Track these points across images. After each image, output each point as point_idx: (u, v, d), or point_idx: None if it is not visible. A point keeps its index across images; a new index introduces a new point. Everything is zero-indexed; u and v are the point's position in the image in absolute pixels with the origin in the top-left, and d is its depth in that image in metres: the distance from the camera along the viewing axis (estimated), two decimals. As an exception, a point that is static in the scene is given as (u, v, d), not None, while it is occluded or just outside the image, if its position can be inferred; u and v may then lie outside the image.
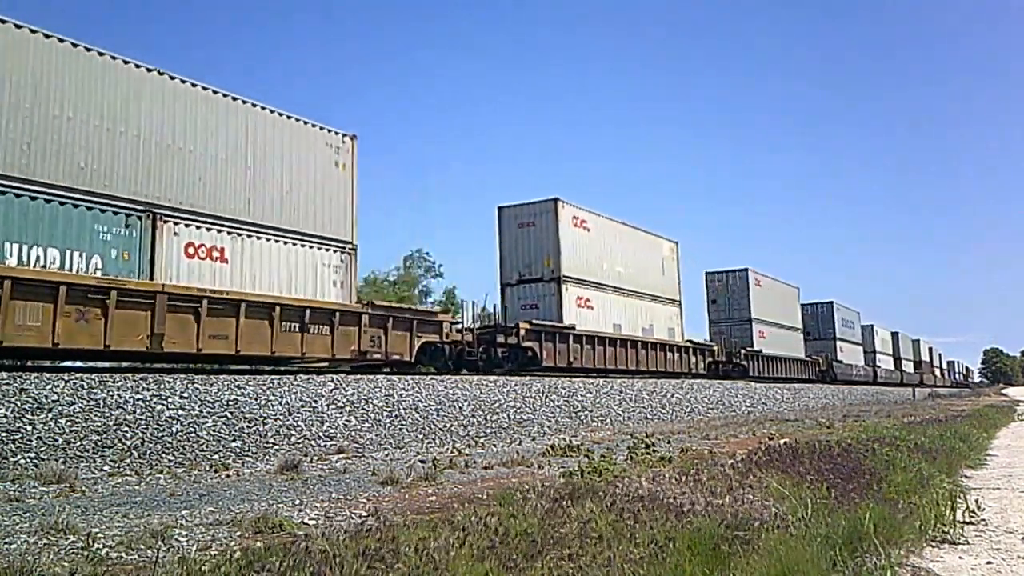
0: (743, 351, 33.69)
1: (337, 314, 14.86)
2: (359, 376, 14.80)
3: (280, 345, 13.64)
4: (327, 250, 15.40)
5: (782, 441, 11.24)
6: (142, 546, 4.73)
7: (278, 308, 13.67)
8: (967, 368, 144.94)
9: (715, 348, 31.74)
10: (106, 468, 9.20)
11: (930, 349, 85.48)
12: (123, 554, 4.58)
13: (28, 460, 8.80)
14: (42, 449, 9.03)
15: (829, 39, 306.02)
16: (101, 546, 4.72)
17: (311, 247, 15.10)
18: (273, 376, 13.35)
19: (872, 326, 56.38)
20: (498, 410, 16.22)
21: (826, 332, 47.46)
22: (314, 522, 5.72)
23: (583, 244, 23.32)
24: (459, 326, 18.35)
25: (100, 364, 13.63)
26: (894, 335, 66.87)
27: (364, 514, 6.03)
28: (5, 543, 4.75)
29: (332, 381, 13.76)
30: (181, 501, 6.77)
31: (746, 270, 36.20)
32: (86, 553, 4.53)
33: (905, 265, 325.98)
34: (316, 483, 8.10)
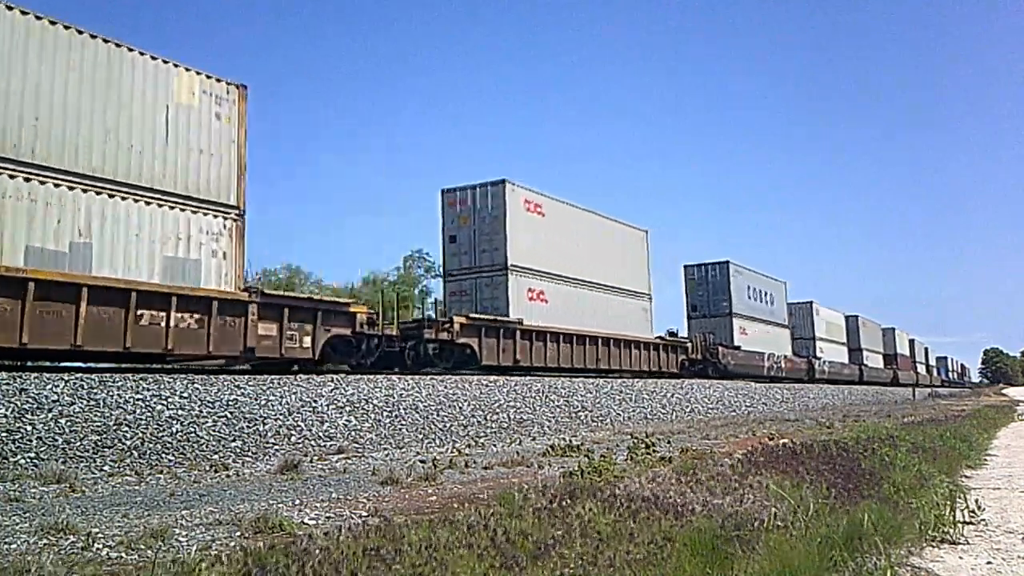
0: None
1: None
2: (359, 376, 14.80)
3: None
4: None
5: (782, 441, 11.24)
6: (142, 546, 4.73)
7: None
8: (962, 366, 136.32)
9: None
10: (106, 468, 9.20)
11: (911, 341, 75.98)
12: (123, 554, 4.58)
13: (28, 460, 8.80)
14: (42, 449, 9.03)
15: (829, 37, 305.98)
16: (101, 546, 4.72)
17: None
18: (273, 376, 13.35)
19: (812, 303, 46.97)
20: (498, 410, 16.22)
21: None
22: (314, 522, 5.71)
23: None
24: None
25: (100, 364, 13.64)
26: (851, 320, 55.10)
27: (364, 514, 6.03)
28: (5, 543, 4.75)
29: (332, 381, 13.76)
30: (181, 501, 6.77)
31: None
32: (86, 553, 4.53)
33: (905, 265, 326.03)
34: (316, 483, 8.10)
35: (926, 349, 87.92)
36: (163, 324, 12.00)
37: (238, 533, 5.21)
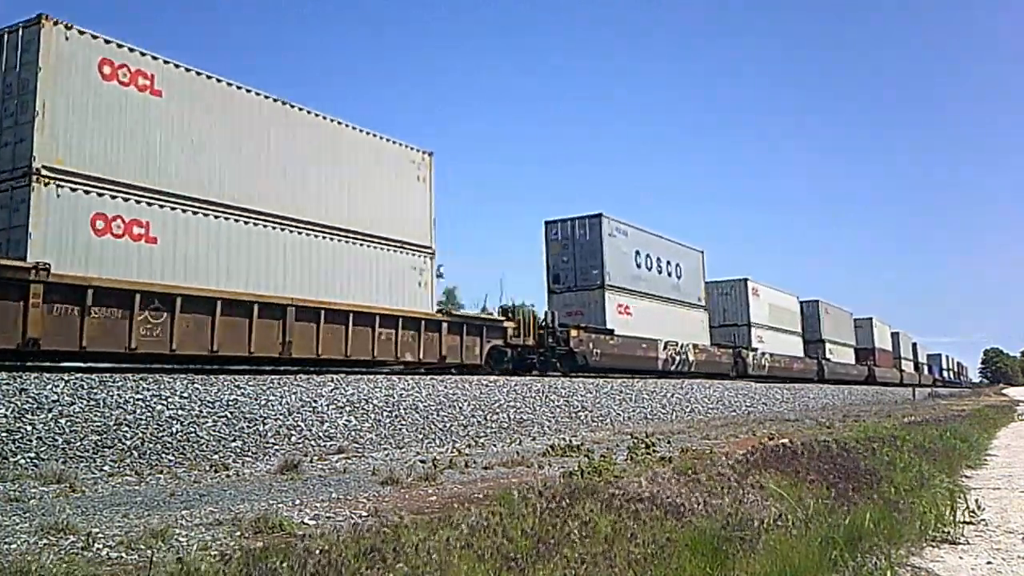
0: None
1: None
2: (359, 376, 14.81)
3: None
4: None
5: (782, 441, 11.23)
6: (142, 546, 4.72)
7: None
8: (959, 364, 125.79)
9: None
10: (106, 468, 9.19)
11: (895, 335, 65.98)
12: (123, 554, 4.58)
13: (28, 460, 8.79)
14: (42, 449, 9.02)
15: (832, 34, 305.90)
16: (101, 546, 4.72)
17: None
18: (273, 376, 13.35)
19: (746, 280, 36.87)
20: (498, 410, 16.22)
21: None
22: (314, 522, 5.71)
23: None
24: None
25: (101, 364, 13.63)
26: (810, 306, 44.82)
27: (364, 514, 6.02)
28: (5, 543, 4.75)
29: (332, 381, 13.76)
30: (181, 501, 6.76)
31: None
32: (86, 553, 4.53)
33: (905, 265, 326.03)
34: (316, 483, 8.09)
35: (914, 344, 77.52)
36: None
37: (238, 533, 5.20)
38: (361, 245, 16.11)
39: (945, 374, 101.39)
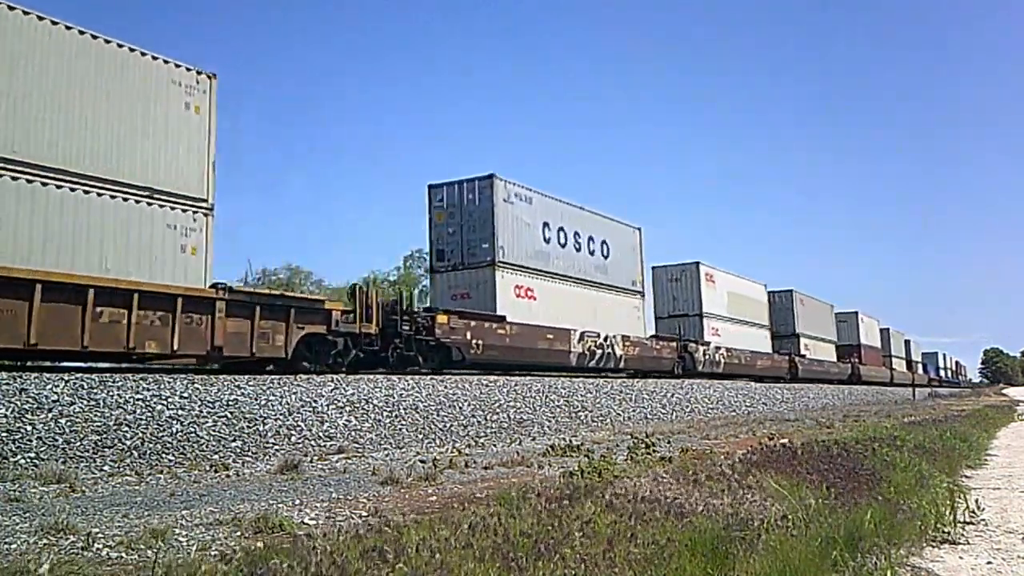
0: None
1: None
2: (359, 376, 14.81)
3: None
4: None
5: (782, 441, 11.24)
6: (142, 546, 4.73)
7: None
8: (958, 363, 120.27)
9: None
10: (106, 468, 9.20)
11: (885, 331, 61.68)
12: (123, 554, 4.58)
13: (28, 460, 8.80)
14: (42, 449, 9.03)
15: (827, 35, 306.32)
16: (101, 546, 4.72)
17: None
18: (273, 376, 13.35)
19: (697, 264, 32.18)
20: (498, 410, 16.22)
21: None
22: (314, 522, 5.72)
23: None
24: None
25: (100, 364, 13.63)
26: (781, 297, 40.84)
27: (364, 514, 6.03)
28: (5, 543, 4.75)
29: (332, 381, 13.76)
30: (181, 501, 6.77)
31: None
32: (86, 553, 4.53)
33: (905, 265, 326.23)
34: (316, 483, 8.10)
35: (907, 342, 73.02)
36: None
37: (238, 533, 5.21)
38: (81, 192, 11.40)
39: (942, 373, 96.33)
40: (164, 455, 9.94)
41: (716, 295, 32.55)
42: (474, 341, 18.21)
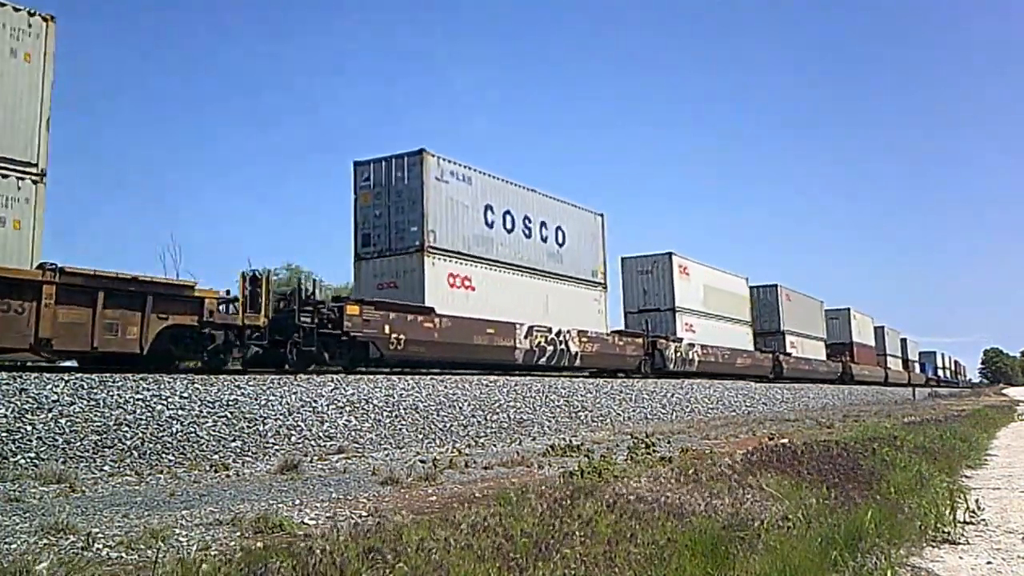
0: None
1: None
2: (359, 376, 14.80)
3: None
4: None
5: (782, 441, 11.24)
6: (142, 546, 4.72)
7: None
8: (956, 363, 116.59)
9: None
10: (106, 468, 9.19)
11: (880, 329, 58.71)
12: (123, 554, 4.58)
13: (28, 460, 8.80)
14: (42, 449, 9.02)
15: (827, 35, 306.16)
16: (101, 546, 4.72)
17: None
18: (273, 376, 13.35)
19: (670, 256, 29.64)
20: (498, 410, 16.22)
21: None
22: (314, 522, 5.72)
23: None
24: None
25: (100, 364, 13.64)
26: (766, 292, 38.70)
27: (364, 514, 6.03)
28: (5, 543, 4.75)
29: (332, 381, 13.75)
30: (181, 501, 6.77)
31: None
32: (86, 553, 4.53)
33: (905, 265, 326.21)
34: (316, 483, 8.10)
35: (903, 340, 69.49)
36: None
37: (238, 533, 5.21)
38: None
39: (940, 373, 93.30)
40: (164, 455, 9.94)
41: (691, 289, 30.11)
42: (394, 336, 15.89)
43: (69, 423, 9.49)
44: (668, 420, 21.61)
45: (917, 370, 75.85)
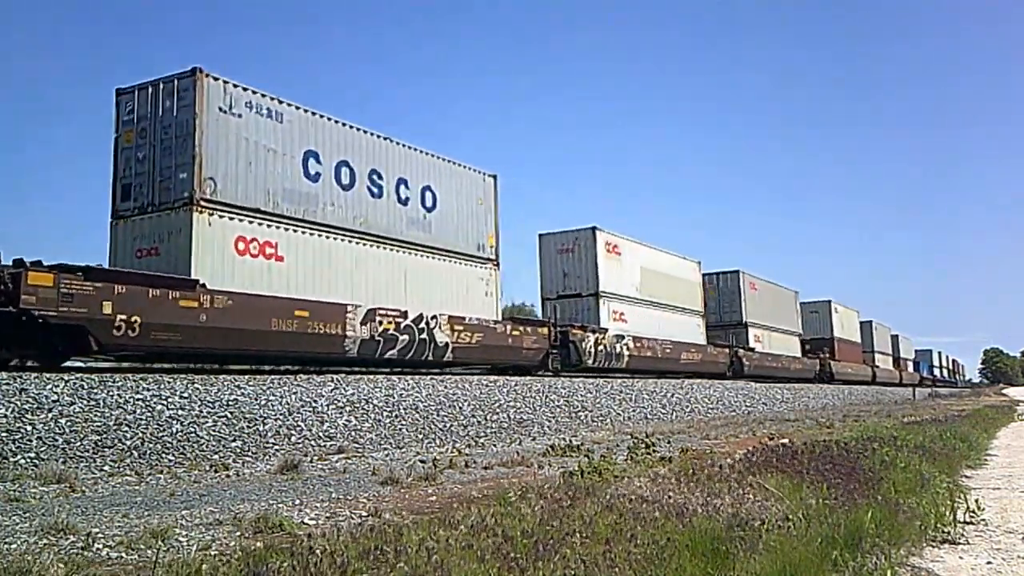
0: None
1: None
2: (359, 376, 14.80)
3: None
4: None
5: (782, 441, 11.24)
6: (142, 546, 4.72)
7: None
8: (955, 362, 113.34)
9: None
10: (106, 468, 9.19)
11: (867, 324, 54.61)
12: (123, 554, 4.58)
13: (28, 460, 8.80)
14: (42, 449, 9.02)
15: (826, 35, 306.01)
16: (101, 546, 4.72)
17: None
18: (273, 376, 13.35)
19: (593, 229, 24.77)
20: (498, 410, 16.22)
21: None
22: (314, 522, 5.72)
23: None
24: None
25: (100, 364, 13.63)
26: (722, 278, 34.91)
27: (364, 514, 6.03)
28: (5, 543, 4.75)
29: (332, 381, 13.76)
30: (181, 501, 6.77)
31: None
32: (86, 553, 4.53)
33: (905, 265, 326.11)
34: (316, 483, 8.10)
35: (895, 337, 65.75)
36: None
37: (238, 533, 5.21)
38: None
39: (937, 372, 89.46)
40: (164, 455, 9.94)
41: (622, 271, 25.53)
42: (122, 318, 11.50)
43: (69, 423, 9.49)
44: (668, 420, 21.61)
45: (910, 369, 72.21)
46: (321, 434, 12.10)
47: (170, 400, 10.78)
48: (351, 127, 16.18)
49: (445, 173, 18.69)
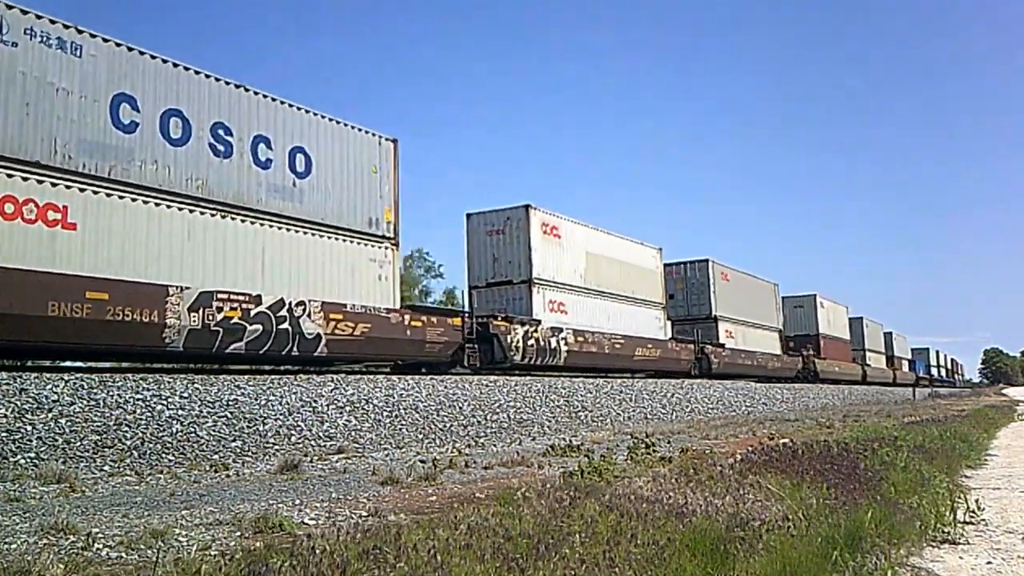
0: None
1: None
2: (359, 376, 14.80)
3: None
4: None
5: (782, 441, 11.23)
6: (142, 546, 4.72)
7: None
8: (953, 361, 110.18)
9: None
10: (106, 468, 9.20)
11: (856, 321, 52.32)
12: (123, 554, 4.58)
13: (28, 460, 8.80)
14: (42, 449, 9.03)
15: (825, 33, 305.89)
16: (101, 546, 4.72)
17: None
18: (273, 376, 13.35)
19: (527, 206, 21.42)
20: (498, 410, 16.22)
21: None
22: (314, 522, 5.71)
23: None
24: None
25: (100, 364, 13.63)
26: (688, 267, 31.90)
27: (364, 514, 6.03)
28: (5, 543, 4.75)
29: (332, 381, 13.76)
30: (181, 501, 6.77)
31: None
32: (86, 553, 4.53)
33: (905, 265, 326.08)
34: (316, 483, 8.10)
35: (888, 335, 62.44)
36: None
37: (238, 533, 5.21)
38: None
39: (934, 372, 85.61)
40: (164, 455, 9.94)
41: (562, 256, 22.39)
42: None
43: (69, 423, 9.49)
44: (668, 420, 21.61)
45: (905, 368, 68.49)
46: (321, 434, 12.10)
47: (170, 400, 10.78)
48: (185, 68, 12.92)
49: (326, 134, 15.38)
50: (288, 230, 14.32)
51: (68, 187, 11.13)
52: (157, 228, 12.17)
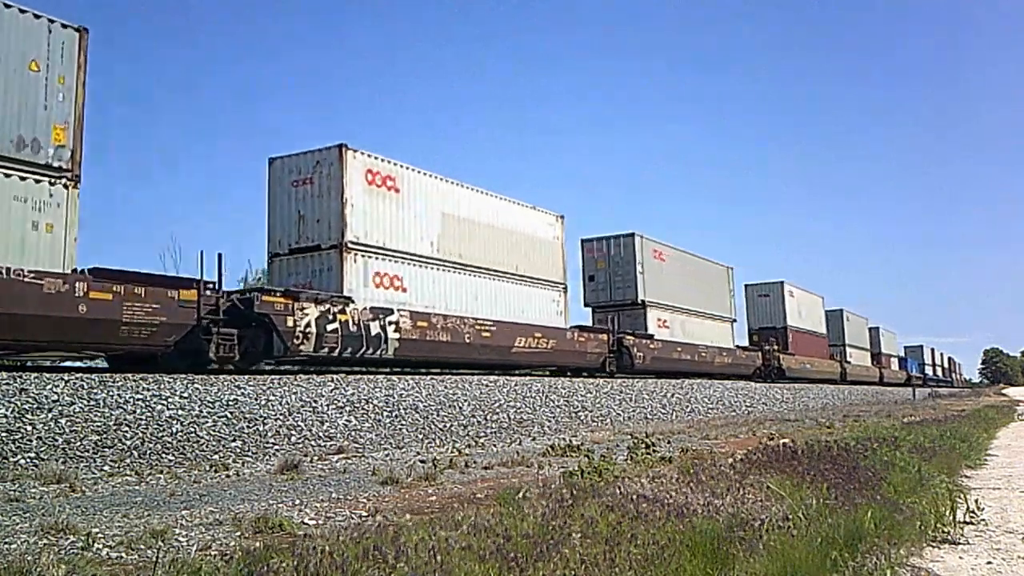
0: None
1: None
2: (359, 376, 14.80)
3: None
4: None
5: (782, 441, 11.23)
6: (142, 546, 4.72)
7: None
8: (951, 360, 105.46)
9: None
10: (106, 468, 9.19)
11: (837, 313, 47.53)
12: (123, 554, 4.58)
13: (28, 460, 8.80)
14: (42, 449, 9.02)
15: (827, 32, 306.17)
16: (101, 546, 4.72)
17: None
18: (273, 376, 13.35)
19: (341, 148, 15.58)
20: (498, 410, 16.22)
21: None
22: (314, 522, 5.72)
23: None
24: None
25: (100, 364, 13.63)
26: (611, 244, 26.26)
27: (364, 514, 6.03)
28: (5, 543, 4.75)
29: (332, 381, 13.76)
30: (181, 501, 6.76)
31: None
32: (86, 553, 4.53)
33: (905, 265, 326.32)
34: (316, 483, 8.10)
35: (875, 330, 57.39)
36: None
37: (238, 533, 5.21)
38: None
39: (929, 370, 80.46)
40: (164, 455, 9.94)
41: (401, 215, 16.90)
42: None
43: (69, 423, 9.49)
44: (668, 420, 21.62)
45: (895, 366, 63.23)
46: (321, 434, 12.10)
47: (170, 400, 10.78)
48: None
49: None
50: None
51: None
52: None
